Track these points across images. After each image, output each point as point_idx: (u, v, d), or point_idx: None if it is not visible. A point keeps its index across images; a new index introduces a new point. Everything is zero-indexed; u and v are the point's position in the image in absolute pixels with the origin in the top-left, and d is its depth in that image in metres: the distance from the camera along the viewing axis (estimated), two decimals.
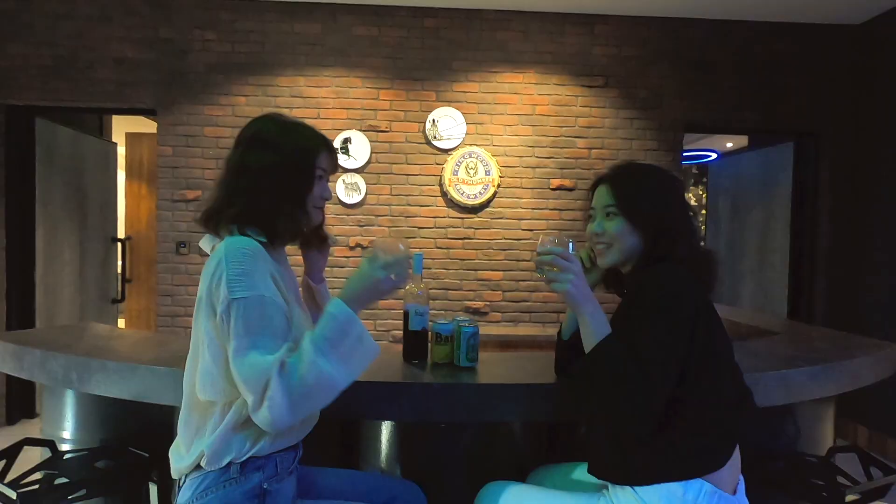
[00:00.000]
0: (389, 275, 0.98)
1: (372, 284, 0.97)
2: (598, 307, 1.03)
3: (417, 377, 1.27)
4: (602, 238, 1.14)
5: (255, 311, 0.91)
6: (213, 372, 0.96)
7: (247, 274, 0.92)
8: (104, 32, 3.34)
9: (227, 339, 0.92)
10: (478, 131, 3.47)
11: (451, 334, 1.38)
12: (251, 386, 0.88)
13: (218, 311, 0.92)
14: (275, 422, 0.88)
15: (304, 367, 0.88)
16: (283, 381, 0.87)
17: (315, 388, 0.89)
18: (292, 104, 3.40)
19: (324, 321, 0.94)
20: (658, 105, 3.52)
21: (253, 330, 0.90)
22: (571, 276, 1.01)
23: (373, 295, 0.99)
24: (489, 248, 3.49)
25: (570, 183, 3.51)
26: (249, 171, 1.02)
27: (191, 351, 1.03)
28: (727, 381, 1.02)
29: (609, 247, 1.13)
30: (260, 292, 0.92)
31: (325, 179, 1.09)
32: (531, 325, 3.49)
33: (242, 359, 0.89)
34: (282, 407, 0.87)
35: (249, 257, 0.94)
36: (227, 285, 0.91)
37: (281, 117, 1.09)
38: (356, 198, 3.43)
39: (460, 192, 3.43)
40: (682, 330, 0.96)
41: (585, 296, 1.02)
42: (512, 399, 1.24)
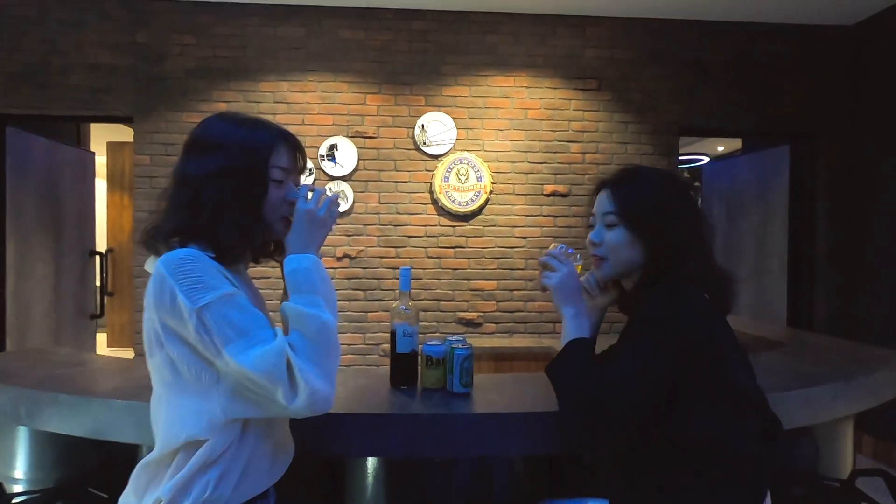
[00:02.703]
0: (316, 204, 0.93)
1: (308, 219, 0.92)
2: (582, 313, 1.03)
3: (406, 407, 1.15)
4: (598, 249, 1.03)
5: (232, 309, 0.81)
6: (192, 404, 0.83)
7: (201, 279, 0.81)
8: (78, 37, 3.20)
9: (214, 352, 0.80)
10: (469, 136, 3.36)
11: (442, 357, 1.26)
12: (275, 375, 0.79)
13: (191, 328, 0.80)
14: (320, 391, 0.81)
15: (307, 328, 0.83)
16: (301, 352, 0.81)
17: (326, 340, 0.84)
18: (276, 110, 3.28)
19: (296, 277, 0.88)
20: (652, 108, 3.44)
21: (241, 327, 0.81)
22: (559, 273, 1.03)
23: (314, 227, 0.93)
24: (482, 257, 3.38)
25: (565, 189, 3.41)
26: (190, 179, 0.89)
27: (154, 396, 0.89)
28: (749, 415, 0.90)
29: (604, 259, 1.02)
30: (224, 291, 0.82)
31: (288, 181, 0.96)
32: (527, 337, 3.37)
33: (247, 358, 0.79)
34: (318, 375, 0.81)
35: (193, 262, 0.82)
36: (185, 297, 0.79)
37: (230, 114, 0.96)
38: (343, 206, 3.30)
39: (451, 199, 3.32)
40: (665, 356, 0.86)
41: (570, 296, 1.03)
42: (512, 430, 1.12)
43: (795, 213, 3.70)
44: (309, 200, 0.93)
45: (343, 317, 3.31)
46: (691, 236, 0.97)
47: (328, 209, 0.94)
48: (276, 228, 0.95)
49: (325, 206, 0.93)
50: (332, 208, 0.95)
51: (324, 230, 0.94)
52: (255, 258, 1.02)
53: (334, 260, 3.31)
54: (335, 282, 3.30)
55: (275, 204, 0.93)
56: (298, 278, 0.87)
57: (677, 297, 0.91)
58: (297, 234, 0.92)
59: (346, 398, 1.19)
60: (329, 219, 0.94)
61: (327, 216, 0.93)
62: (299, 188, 0.95)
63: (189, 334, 0.80)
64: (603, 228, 1.03)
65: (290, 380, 0.79)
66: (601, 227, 1.04)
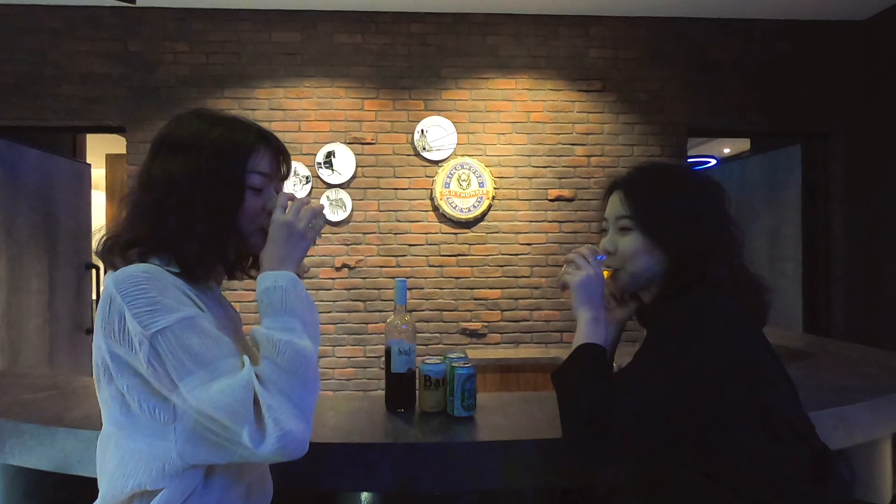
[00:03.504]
0: (296, 215, 0.82)
1: (286, 232, 0.81)
2: (601, 319, 0.93)
3: (402, 434, 1.03)
4: (613, 257, 0.92)
5: (191, 336, 0.69)
6: (145, 447, 0.71)
7: (155, 300, 0.70)
8: (69, 47, 3.14)
9: (169, 386, 0.68)
10: (470, 141, 3.27)
11: (442, 377, 1.14)
12: (239, 414, 0.66)
13: (142, 358, 0.68)
14: (293, 433, 0.68)
15: (280, 356, 0.72)
16: (272, 386, 0.70)
17: (303, 371, 0.73)
18: (272, 117, 3.20)
19: (270, 297, 0.76)
20: (659, 108, 3.34)
21: (201, 357, 0.69)
22: (584, 273, 0.93)
23: (292, 241, 0.81)
24: (485, 265, 3.26)
25: (570, 193, 3.30)
26: (155, 182, 0.78)
27: (102, 435, 0.78)
28: (794, 447, 0.78)
29: (621, 269, 0.92)
30: (184, 314, 0.70)
31: (268, 188, 0.85)
32: (533, 347, 3.25)
33: (207, 392, 0.67)
34: (290, 413, 0.69)
35: (148, 280, 0.71)
36: (136, 321, 0.68)
37: (206, 111, 0.86)
38: (341, 215, 3.21)
39: (453, 205, 3.21)
40: (683, 373, 0.75)
41: (590, 298, 0.93)
42: (520, 459, 1.00)
43: (809, 214, 3.57)
44: (288, 211, 0.82)
45: (343, 329, 3.20)
46: (717, 239, 0.86)
47: (310, 222, 0.83)
48: (253, 241, 0.85)
49: (307, 219, 0.82)
50: (314, 221, 0.83)
51: (303, 244, 0.82)
52: (230, 274, 0.91)
53: (333, 270, 3.21)
54: (333, 293, 3.20)
55: (252, 213, 0.82)
56: (272, 298, 0.76)
57: (704, 308, 0.80)
58: (272, 248, 0.81)
59: (337, 425, 1.08)
60: (310, 232, 0.83)
61: (308, 229, 0.82)
62: (279, 196, 0.85)
63: (140, 365, 0.68)
64: (616, 234, 0.93)
65: (257, 419, 0.67)
66: (614, 232, 0.93)
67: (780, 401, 0.78)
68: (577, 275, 0.93)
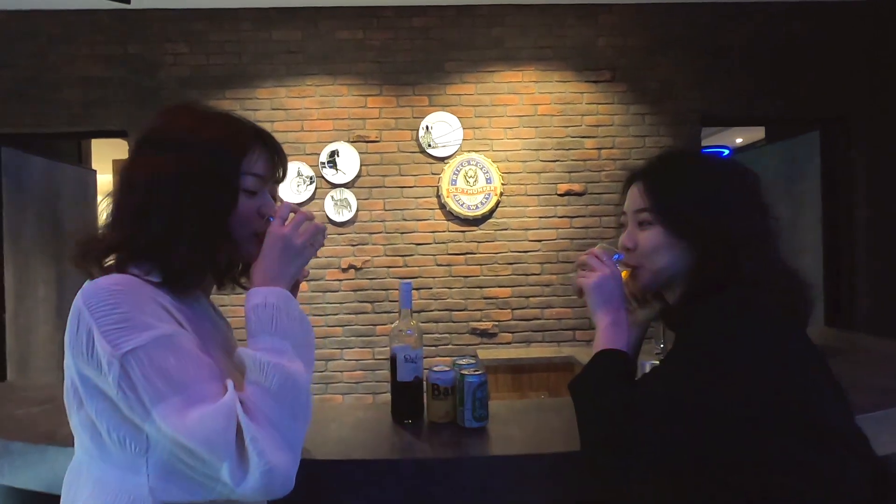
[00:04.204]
0: (295, 230, 0.76)
1: (281, 245, 0.74)
2: (621, 323, 0.85)
3: (409, 448, 0.96)
4: (632, 254, 0.85)
5: (167, 356, 0.62)
6: (115, 480, 0.64)
7: (128, 316, 0.63)
8: (68, 51, 3.10)
9: (141, 413, 0.61)
10: (476, 136, 3.19)
11: (451, 385, 1.07)
12: (218, 445, 0.59)
13: (111, 381, 0.61)
14: (279, 468, 0.61)
15: (268, 381, 0.65)
16: (258, 414, 0.63)
17: (293, 398, 0.66)
18: (273, 117, 3.14)
19: (259, 315, 0.70)
20: (671, 97, 3.23)
21: (178, 380, 0.61)
22: (598, 274, 0.86)
23: (287, 256, 0.75)
24: (494, 263, 3.19)
25: (580, 187, 3.21)
26: (139, 182, 0.71)
27: (73, 463, 0.71)
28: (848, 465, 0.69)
29: (641, 267, 0.84)
30: (160, 332, 0.63)
31: (263, 192, 0.79)
32: (545, 346, 3.17)
33: (183, 420, 0.60)
34: (277, 445, 0.61)
35: (121, 293, 0.64)
36: (105, 340, 0.61)
37: (197, 106, 0.79)
38: (346, 215, 3.14)
39: (460, 202, 3.14)
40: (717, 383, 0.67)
41: (608, 300, 0.85)
42: (538, 474, 0.93)
43: (830, 203, 3.45)
44: (287, 223, 0.76)
45: (350, 331, 3.14)
46: (749, 230, 0.78)
47: (309, 239, 0.76)
48: (246, 248, 0.78)
49: (307, 235, 0.76)
50: (314, 239, 0.77)
51: (299, 262, 0.76)
52: (219, 283, 0.84)
53: (339, 271, 3.15)
54: (340, 294, 3.14)
55: (245, 218, 0.76)
56: (261, 317, 0.69)
57: (738, 308, 0.72)
58: (265, 262, 0.74)
59: (339, 439, 1.01)
60: (308, 249, 0.76)
61: (306, 246, 0.76)
62: (280, 206, 0.78)
63: (110, 388, 0.62)
64: (636, 229, 0.85)
65: (239, 452, 0.59)
66: (633, 227, 0.85)
67: (827, 410, 0.70)
68: (592, 277, 0.86)
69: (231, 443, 0.59)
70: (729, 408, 0.67)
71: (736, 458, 0.67)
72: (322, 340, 3.12)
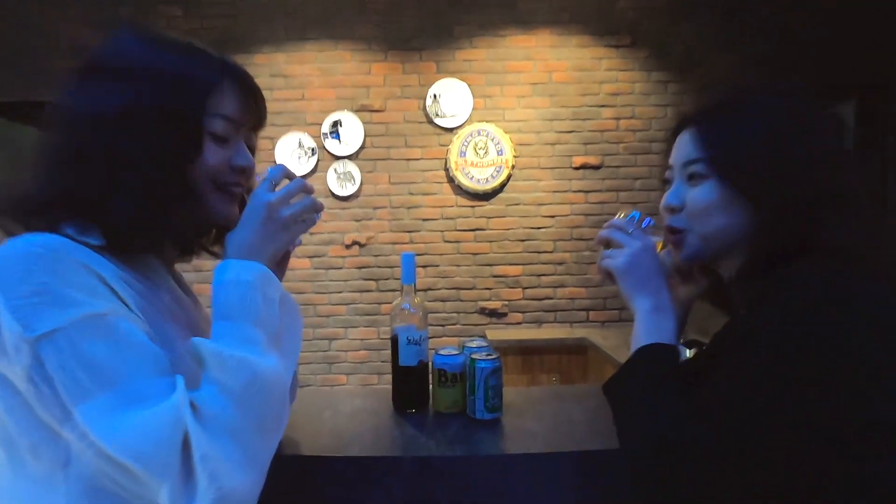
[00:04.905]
0: (284, 199, 0.63)
1: (265, 215, 0.61)
2: (664, 307, 0.70)
3: (411, 444, 0.84)
4: (677, 216, 0.70)
5: (95, 342, 0.49)
6: (28, 495, 0.51)
7: (45, 288, 0.49)
8: (57, 15, 2.94)
9: (59, 413, 0.48)
10: (486, 105, 3.01)
11: (460, 371, 0.94)
12: (156, 460, 0.46)
13: (19, 370, 0.48)
14: (235, 492, 0.48)
15: (229, 379, 0.51)
16: (213, 422, 0.49)
17: (260, 402, 0.53)
18: (272, 85, 2.98)
19: (228, 295, 0.57)
20: (696, 64, 3.02)
21: (109, 374, 0.48)
22: (628, 250, 0.72)
23: (270, 228, 0.62)
24: (505, 240, 3.04)
25: (596, 160, 3.03)
26: (78, 121, 0.58)
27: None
28: None
29: (687, 230, 0.69)
30: (88, 310, 0.50)
31: (236, 139, 0.65)
32: (557, 327, 3.04)
33: (112, 426, 0.47)
34: (236, 463, 0.48)
35: (39, 260, 0.50)
36: (13, 318, 0.48)
37: (153, 32, 0.65)
38: (350, 189, 3.00)
39: (469, 176, 2.98)
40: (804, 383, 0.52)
41: (645, 281, 0.71)
42: (560, 477, 0.80)
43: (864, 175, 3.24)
44: (276, 190, 0.63)
45: (354, 310, 3.03)
46: (832, 187, 0.62)
47: (301, 213, 0.64)
48: (213, 206, 0.64)
49: (299, 209, 0.63)
50: (306, 214, 0.65)
51: (284, 237, 0.63)
52: (184, 249, 0.71)
53: (343, 248, 3.02)
54: (344, 272, 3.02)
55: (212, 170, 0.62)
56: (230, 297, 0.56)
57: (823, 285, 0.57)
58: (244, 231, 0.61)
59: (333, 430, 0.89)
60: (296, 225, 0.64)
61: (294, 220, 0.63)
62: (272, 168, 0.65)
63: (19, 380, 0.48)
64: (683, 185, 0.70)
65: (184, 470, 0.46)
66: (681, 183, 0.70)
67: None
68: (620, 255, 0.72)
69: (174, 459, 0.46)
70: (813, 411, 0.52)
71: (821, 473, 0.53)
72: (325, 319, 3.01)
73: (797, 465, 0.52)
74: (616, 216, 0.78)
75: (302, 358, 3.02)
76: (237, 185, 0.65)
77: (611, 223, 0.76)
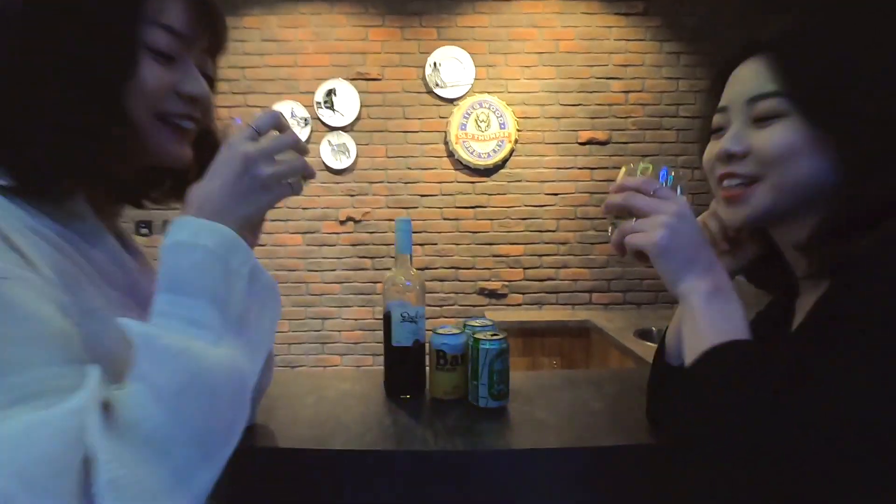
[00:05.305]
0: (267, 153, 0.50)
1: (241, 168, 0.48)
2: (723, 289, 0.53)
3: (405, 436, 0.73)
4: (740, 163, 0.56)
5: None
6: None
7: None
8: None
9: None
10: (489, 75, 2.86)
11: (462, 353, 0.83)
12: (41, 482, 0.33)
13: None
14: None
15: (163, 373, 0.39)
16: (132, 430, 0.37)
17: (202, 410, 0.40)
18: (263, 50, 2.82)
19: (178, 261, 0.45)
20: (711, 35, 2.86)
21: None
22: (662, 219, 0.53)
23: (245, 185, 0.49)
24: (506, 218, 2.92)
25: (603, 135, 2.89)
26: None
27: None
28: None
29: (755, 180, 0.56)
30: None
31: (184, 60, 0.52)
32: (559, 309, 2.93)
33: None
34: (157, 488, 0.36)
35: None
36: None
37: None
38: (345, 162, 2.86)
39: (470, 150, 2.84)
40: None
41: (692, 257, 0.53)
42: (576, 475, 0.69)
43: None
44: (257, 139, 0.51)
45: (349, 288, 2.91)
46: None
47: (285, 174, 0.51)
48: (156, 143, 0.51)
49: (284, 170, 0.51)
50: (291, 176, 0.52)
51: (262, 200, 0.50)
52: (125, 197, 0.58)
53: (337, 224, 2.89)
54: (338, 249, 2.89)
55: (152, 94, 0.49)
56: (181, 263, 0.44)
57: None
58: (212, 183, 0.49)
59: (315, 419, 0.78)
60: (279, 187, 0.51)
61: (277, 181, 0.50)
62: (262, 115, 0.52)
63: None
64: (746, 128, 0.56)
65: (82, 498, 0.33)
66: (743, 125, 0.57)
67: None
68: (654, 226, 0.53)
69: (68, 482, 0.33)
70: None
71: None
72: (318, 298, 2.90)
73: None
74: (621, 174, 0.60)
75: (293, 338, 2.88)
76: (187, 119, 0.52)
77: (623, 184, 0.57)
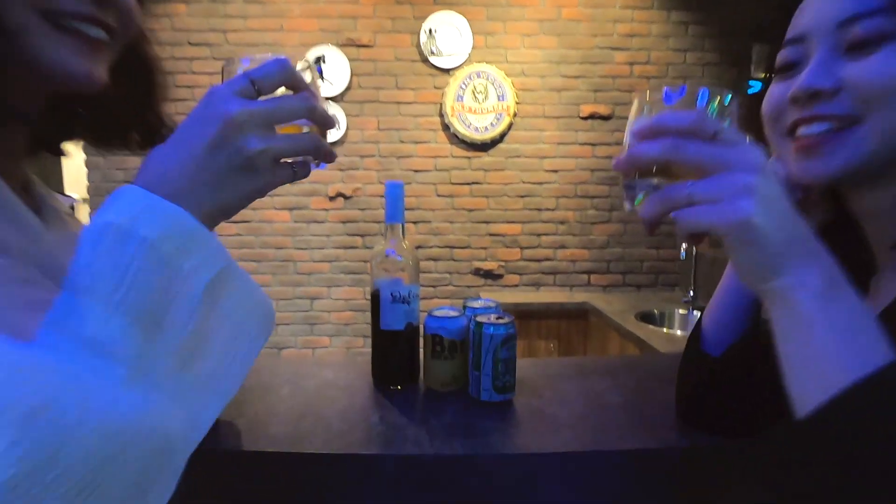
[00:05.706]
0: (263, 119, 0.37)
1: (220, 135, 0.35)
2: (839, 282, 0.36)
3: (394, 437, 0.62)
4: (829, 102, 0.43)
5: None
6: None
7: None
8: None
9: None
10: (487, 44, 2.70)
11: (461, 339, 0.72)
12: None
13: None
14: None
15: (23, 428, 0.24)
16: None
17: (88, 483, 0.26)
18: (247, 12, 2.64)
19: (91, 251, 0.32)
20: (721, 4, 2.72)
21: None
22: (746, 180, 0.35)
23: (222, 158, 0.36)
24: (503, 196, 2.80)
25: (606, 110, 2.76)
26: None
27: None
28: None
29: (852, 122, 0.43)
30: None
31: None
32: (556, 290, 2.84)
33: None
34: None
35: None
36: None
37: None
38: (335, 134, 2.71)
39: (466, 123, 2.70)
40: None
41: (789, 241, 0.36)
42: (591, 483, 0.59)
43: None
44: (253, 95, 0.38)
45: (338, 267, 2.79)
46: None
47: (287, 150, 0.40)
48: (47, 53, 0.37)
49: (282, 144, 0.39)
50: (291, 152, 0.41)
51: (248, 184, 0.38)
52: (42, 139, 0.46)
53: (326, 200, 2.76)
54: (327, 226, 2.76)
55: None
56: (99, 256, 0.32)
57: None
58: (176, 150, 0.36)
59: (290, 415, 0.66)
60: (274, 169, 0.40)
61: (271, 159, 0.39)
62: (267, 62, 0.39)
63: None
64: (835, 59, 0.44)
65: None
66: (830, 55, 0.44)
67: None
68: (732, 193, 0.36)
69: None
70: None
71: None
72: (306, 277, 2.78)
73: None
74: (635, 108, 0.42)
75: (280, 319, 2.75)
76: (92, 23, 0.39)
77: (662, 121, 0.38)
